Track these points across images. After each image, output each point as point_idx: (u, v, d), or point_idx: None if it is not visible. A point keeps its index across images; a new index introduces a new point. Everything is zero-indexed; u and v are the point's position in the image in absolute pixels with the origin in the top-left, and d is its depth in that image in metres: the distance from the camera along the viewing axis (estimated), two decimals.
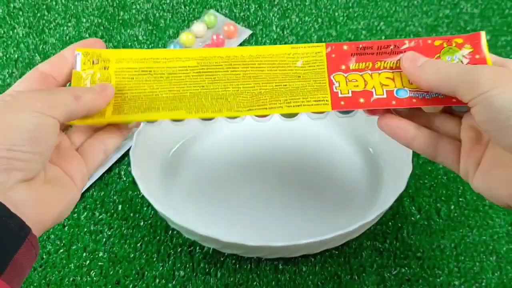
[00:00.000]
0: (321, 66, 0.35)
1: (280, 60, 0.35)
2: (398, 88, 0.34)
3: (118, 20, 0.66)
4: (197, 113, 0.34)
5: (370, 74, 0.34)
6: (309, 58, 0.35)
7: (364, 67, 0.35)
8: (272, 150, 0.51)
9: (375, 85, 0.34)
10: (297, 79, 0.35)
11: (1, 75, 0.60)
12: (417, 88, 0.33)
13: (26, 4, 0.68)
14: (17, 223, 0.27)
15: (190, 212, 0.46)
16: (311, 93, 0.34)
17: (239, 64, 0.35)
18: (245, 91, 0.35)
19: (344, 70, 0.35)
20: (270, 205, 0.47)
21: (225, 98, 0.35)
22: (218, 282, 0.44)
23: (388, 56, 0.35)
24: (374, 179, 0.47)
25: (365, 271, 0.44)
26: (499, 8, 0.66)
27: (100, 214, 0.48)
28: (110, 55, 0.36)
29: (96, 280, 0.44)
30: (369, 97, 0.34)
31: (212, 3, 0.68)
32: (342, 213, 0.46)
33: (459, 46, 0.34)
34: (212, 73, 0.35)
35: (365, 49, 0.35)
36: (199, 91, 0.35)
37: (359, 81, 0.34)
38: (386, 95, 0.34)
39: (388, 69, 0.34)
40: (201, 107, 0.34)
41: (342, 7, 0.67)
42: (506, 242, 0.45)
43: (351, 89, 0.34)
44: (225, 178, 0.49)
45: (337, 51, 0.35)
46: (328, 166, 0.50)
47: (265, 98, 0.34)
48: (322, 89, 0.34)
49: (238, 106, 0.34)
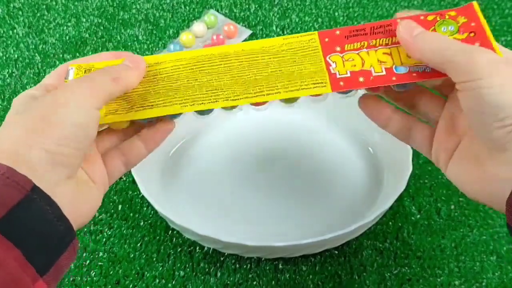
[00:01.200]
0: (316, 50, 0.35)
1: (274, 50, 0.35)
2: (397, 65, 0.33)
3: (118, 20, 0.66)
4: (192, 105, 0.34)
5: (366, 51, 0.34)
6: (303, 45, 0.35)
7: (359, 46, 0.34)
8: (272, 150, 0.51)
9: (372, 63, 0.33)
10: (293, 63, 0.34)
11: (1, 75, 0.60)
12: (415, 63, 0.33)
13: (26, 4, 0.68)
14: (66, 226, 0.27)
15: (190, 212, 0.46)
16: (309, 75, 0.34)
17: (232, 57, 0.35)
18: (240, 79, 0.34)
19: (339, 51, 0.34)
20: (270, 205, 0.47)
21: (220, 88, 0.34)
22: (218, 282, 0.44)
23: (382, 35, 0.34)
24: (374, 179, 0.47)
25: (365, 271, 0.44)
26: (499, 8, 0.66)
27: (100, 214, 0.48)
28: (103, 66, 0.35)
29: (96, 280, 0.44)
30: (368, 76, 0.33)
31: (212, 3, 0.68)
32: (342, 213, 0.46)
33: (453, 18, 0.33)
34: (205, 67, 0.35)
35: (358, 31, 0.34)
36: (193, 84, 0.34)
37: (356, 59, 0.34)
38: (386, 72, 0.33)
39: (384, 46, 0.34)
40: (196, 99, 0.34)
41: (342, 7, 0.67)
42: (507, 242, 0.45)
43: (348, 69, 0.34)
44: (225, 178, 0.49)
45: (330, 35, 0.35)
46: (328, 166, 0.50)
47: (261, 85, 0.34)
48: (320, 71, 0.34)
49: (234, 95, 0.34)
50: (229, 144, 0.51)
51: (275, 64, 0.34)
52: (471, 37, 0.33)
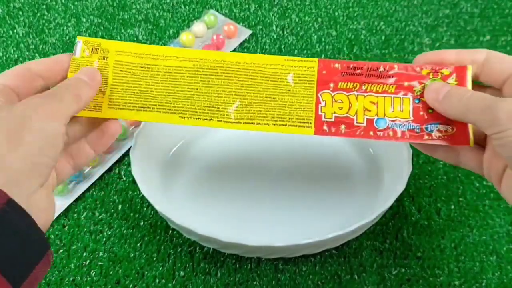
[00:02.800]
0: (311, 82, 0.36)
1: (272, 71, 0.37)
2: (379, 116, 0.36)
3: (118, 20, 0.66)
4: (189, 119, 0.36)
5: (356, 95, 0.36)
6: (301, 72, 0.37)
7: (351, 87, 0.36)
8: (272, 150, 0.51)
9: (358, 110, 0.36)
10: (286, 93, 0.36)
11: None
12: (396, 116, 0.35)
13: (26, 4, 0.68)
14: (40, 237, 0.27)
15: (190, 212, 0.46)
16: (298, 111, 0.36)
17: (233, 71, 0.37)
18: (236, 100, 0.36)
19: (332, 89, 0.36)
20: (270, 205, 0.47)
21: (217, 106, 0.36)
22: (218, 282, 0.44)
23: (376, 79, 0.36)
24: (374, 179, 0.47)
25: (365, 271, 0.44)
26: (499, 8, 0.66)
27: (100, 214, 0.48)
28: (110, 46, 0.37)
29: (96, 280, 0.44)
30: (350, 125, 0.36)
31: (212, 3, 0.68)
32: (342, 213, 0.46)
33: (444, 78, 0.36)
34: (207, 76, 0.37)
35: (355, 69, 0.36)
36: (193, 94, 0.36)
37: (344, 102, 0.36)
38: (366, 124, 0.36)
39: (374, 93, 0.36)
40: (194, 113, 0.36)
41: (342, 7, 0.67)
42: (506, 242, 0.45)
43: (335, 112, 0.36)
44: (225, 178, 0.49)
45: (328, 68, 0.37)
46: (328, 166, 0.50)
47: (253, 112, 0.36)
48: (309, 109, 0.36)
49: (228, 117, 0.36)
50: (229, 144, 0.51)
51: (270, 90, 0.36)
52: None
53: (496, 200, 0.48)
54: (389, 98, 0.36)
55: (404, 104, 0.36)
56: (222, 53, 0.37)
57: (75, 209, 0.48)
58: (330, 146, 0.51)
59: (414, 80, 0.36)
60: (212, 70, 0.36)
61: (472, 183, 0.49)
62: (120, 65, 0.36)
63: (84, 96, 0.33)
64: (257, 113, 0.36)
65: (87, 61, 0.36)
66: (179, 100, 0.36)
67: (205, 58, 0.37)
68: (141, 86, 0.36)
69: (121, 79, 0.36)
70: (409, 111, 0.36)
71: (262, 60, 0.37)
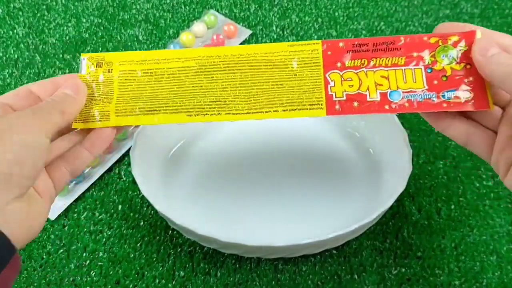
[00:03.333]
0: (317, 64, 0.36)
1: (276, 58, 0.36)
2: (392, 89, 0.35)
3: (118, 20, 0.66)
4: (197, 116, 0.36)
5: (365, 72, 0.35)
6: (305, 55, 0.36)
7: (359, 64, 0.35)
8: (272, 150, 0.51)
9: (369, 86, 0.35)
10: (293, 77, 0.36)
11: (1, 75, 0.60)
12: (410, 88, 0.34)
13: (26, 4, 0.68)
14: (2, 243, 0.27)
15: (190, 212, 0.46)
16: (307, 94, 0.35)
17: (236, 63, 0.36)
18: (243, 91, 0.36)
19: (340, 68, 0.35)
20: (270, 205, 0.47)
21: (224, 100, 0.36)
22: (218, 282, 0.44)
23: (383, 53, 0.35)
24: (374, 179, 0.47)
25: (365, 271, 0.44)
26: (499, 8, 0.66)
27: (100, 214, 0.48)
28: (113, 58, 0.37)
29: (96, 280, 0.44)
30: (363, 101, 0.35)
31: (212, 3, 0.68)
32: (342, 213, 0.46)
33: (454, 44, 0.34)
34: (210, 73, 0.36)
35: (361, 46, 0.35)
36: (198, 92, 0.36)
37: (354, 80, 0.35)
38: (380, 98, 0.35)
39: (383, 67, 0.35)
40: (200, 110, 0.36)
41: (342, 7, 0.67)
42: (507, 242, 0.45)
43: (345, 91, 0.35)
44: (225, 178, 0.49)
45: (333, 48, 0.36)
46: (328, 166, 0.50)
47: (261, 101, 0.35)
48: (318, 90, 0.35)
49: (236, 109, 0.36)
50: (229, 144, 0.51)
51: (276, 77, 0.36)
52: (467, 69, 0.34)
53: (496, 200, 0.48)
54: (400, 70, 0.35)
55: (417, 75, 0.35)
56: (224, 48, 0.37)
57: (75, 209, 0.48)
58: (330, 146, 0.51)
59: (423, 49, 0.35)
60: (215, 66, 0.36)
61: (472, 183, 0.49)
62: (124, 75, 0.37)
63: (69, 110, 0.33)
64: (265, 102, 0.35)
65: (93, 76, 0.37)
66: (185, 99, 0.36)
67: (207, 55, 0.37)
68: (146, 91, 0.36)
69: (127, 88, 0.36)
70: (423, 81, 0.35)
71: (265, 49, 0.36)
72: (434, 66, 0.35)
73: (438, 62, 0.35)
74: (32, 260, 0.45)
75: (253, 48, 0.36)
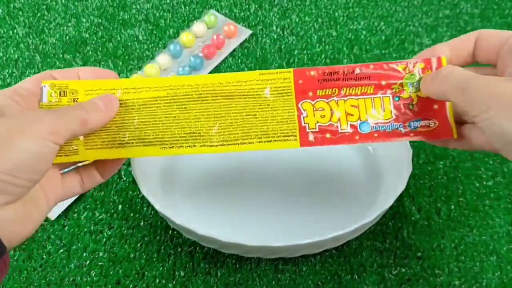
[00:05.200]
0: (289, 93, 0.36)
1: (249, 87, 0.36)
2: (362, 120, 0.35)
3: (118, 20, 0.66)
4: (172, 148, 0.35)
5: (336, 101, 0.36)
6: (277, 84, 0.36)
7: (330, 93, 0.36)
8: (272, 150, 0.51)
9: (340, 117, 0.35)
10: (266, 107, 0.36)
11: (1, 75, 0.60)
12: (378, 119, 0.35)
13: (26, 4, 0.68)
14: None
15: (190, 212, 0.46)
16: (280, 125, 0.35)
17: (208, 93, 0.36)
18: (217, 123, 0.35)
19: (311, 97, 0.36)
20: (270, 205, 0.47)
21: (198, 132, 0.35)
22: (218, 282, 0.44)
23: (354, 81, 0.36)
24: (374, 179, 0.47)
25: (365, 271, 0.44)
26: (499, 8, 0.66)
27: (100, 214, 0.48)
28: (78, 86, 0.35)
29: (96, 280, 0.44)
30: (335, 132, 0.35)
31: (212, 3, 0.68)
32: (342, 213, 0.46)
33: (422, 71, 0.35)
34: (183, 103, 0.35)
35: (331, 74, 0.36)
36: (171, 123, 0.35)
37: (325, 109, 0.36)
38: (351, 130, 0.35)
39: (353, 96, 0.36)
40: (175, 142, 0.35)
41: (342, 7, 0.67)
42: (506, 242, 0.45)
43: (318, 122, 0.35)
44: (225, 178, 0.49)
45: (304, 76, 0.36)
46: (328, 166, 0.50)
47: (236, 132, 0.35)
48: (291, 121, 0.35)
49: (211, 141, 0.35)
50: None
51: (250, 107, 0.36)
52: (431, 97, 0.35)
53: (496, 200, 0.48)
54: (369, 99, 0.35)
55: (385, 103, 0.36)
56: (194, 77, 0.36)
57: (75, 209, 0.48)
58: (330, 146, 0.51)
59: (391, 77, 0.35)
60: (187, 96, 0.35)
61: (472, 183, 0.49)
62: None
63: (92, 122, 0.31)
64: (240, 133, 0.35)
65: (56, 106, 0.34)
66: (158, 131, 0.35)
67: (177, 84, 0.35)
68: (116, 122, 0.35)
69: None
70: (391, 110, 0.35)
71: (236, 78, 0.36)
72: (401, 94, 0.36)
73: (405, 90, 0.35)
74: (32, 260, 0.45)
75: (225, 77, 0.36)
